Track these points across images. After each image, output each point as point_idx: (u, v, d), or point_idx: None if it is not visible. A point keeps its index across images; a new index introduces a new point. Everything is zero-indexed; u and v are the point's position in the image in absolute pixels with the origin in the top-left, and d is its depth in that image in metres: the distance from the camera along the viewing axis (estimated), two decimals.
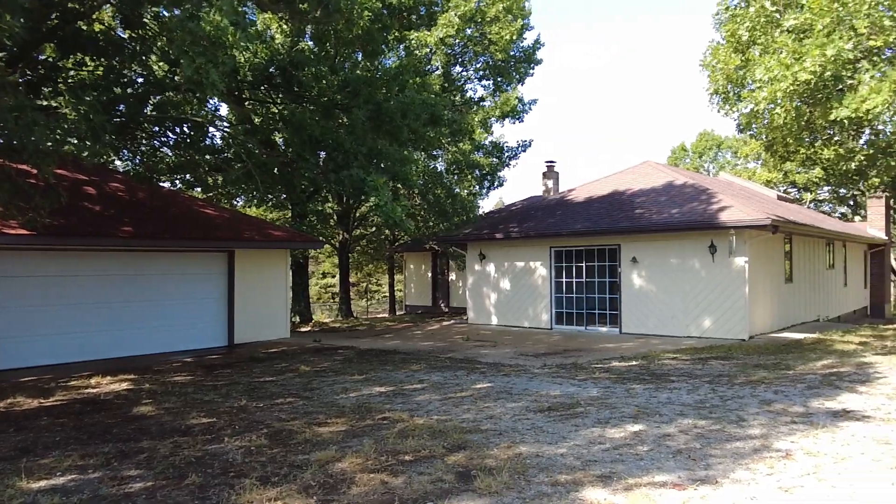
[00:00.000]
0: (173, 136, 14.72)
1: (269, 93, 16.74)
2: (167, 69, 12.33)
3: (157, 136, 14.65)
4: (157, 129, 14.24)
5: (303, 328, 20.78)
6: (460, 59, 24.19)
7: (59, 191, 9.29)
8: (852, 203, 40.77)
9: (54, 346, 11.93)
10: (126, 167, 17.14)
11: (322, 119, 14.67)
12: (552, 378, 9.88)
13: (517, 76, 24.78)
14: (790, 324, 17.21)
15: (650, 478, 5.08)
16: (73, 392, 9.50)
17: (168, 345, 13.56)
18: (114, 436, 6.83)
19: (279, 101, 16.68)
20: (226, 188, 19.13)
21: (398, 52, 21.55)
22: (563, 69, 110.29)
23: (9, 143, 8.00)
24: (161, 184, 16.69)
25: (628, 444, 6.02)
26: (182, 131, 14.61)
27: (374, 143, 14.50)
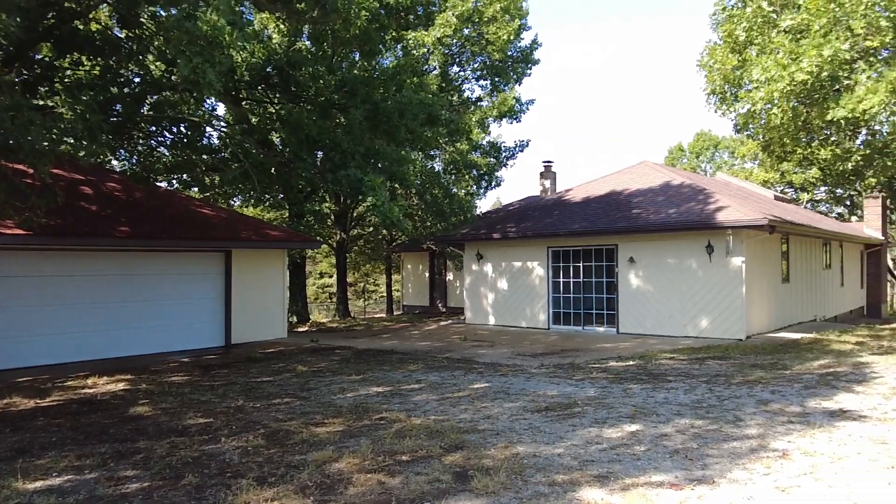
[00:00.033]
0: (170, 136, 14.70)
1: (266, 92, 16.72)
2: (164, 69, 12.32)
3: (153, 135, 14.64)
4: (153, 128, 14.23)
5: (300, 328, 20.76)
6: (458, 59, 24.21)
7: (56, 190, 9.28)
8: (849, 203, 40.86)
9: (51, 346, 11.90)
10: (123, 167, 17.12)
11: (319, 119, 14.67)
12: (549, 378, 9.88)
13: (514, 76, 24.83)
14: (787, 324, 17.25)
15: (647, 478, 5.08)
16: (70, 392, 9.48)
17: (165, 345, 13.54)
18: (110, 436, 6.81)
19: (276, 100, 16.67)
20: (223, 188, 19.11)
21: (395, 52, 21.54)
22: (561, 69, 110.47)
23: (5, 143, 7.97)
24: (158, 183, 16.68)
25: (625, 444, 6.02)
26: (179, 131, 14.60)
27: (371, 143, 14.50)
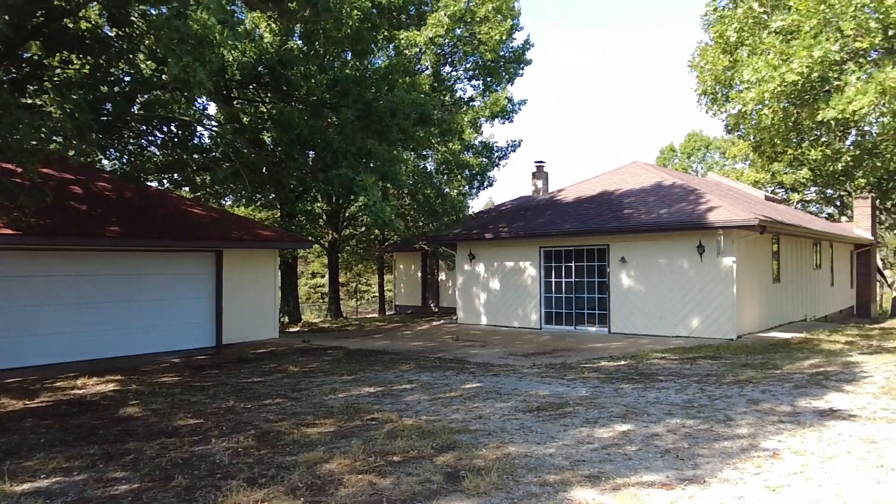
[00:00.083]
0: (161, 135, 14.59)
1: (257, 92, 16.65)
2: (154, 67, 12.24)
3: (144, 134, 14.53)
4: (144, 127, 14.12)
5: (292, 328, 20.70)
6: (450, 59, 24.20)
7: (45, 190, 9.22)
8: (839, 203, 41.12)
9: (40, 346, 11.80)
10: (113, 166, 16.99)
11: (311, 118, 14.61)
12: (541, 378, 9.89)
13: (507, 76, 24.84)
14: (778, 323, 17.33)
15: (638, 477, 5.09)
16: (59, 393, 9.41)
17: (155, 345, 13.45)
18: (100, 437, 6.76)
19: (268, 100, 16.60)
20: (214, 188, 19.00)
21: (387, 52, 21.54)
22: (558, 69, 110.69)
23: None
24: (148, 183, 16.55)
25: (617, 444, 6.03)
26: (169, 130, 14.50)
27: (363, 143, 14.46)
